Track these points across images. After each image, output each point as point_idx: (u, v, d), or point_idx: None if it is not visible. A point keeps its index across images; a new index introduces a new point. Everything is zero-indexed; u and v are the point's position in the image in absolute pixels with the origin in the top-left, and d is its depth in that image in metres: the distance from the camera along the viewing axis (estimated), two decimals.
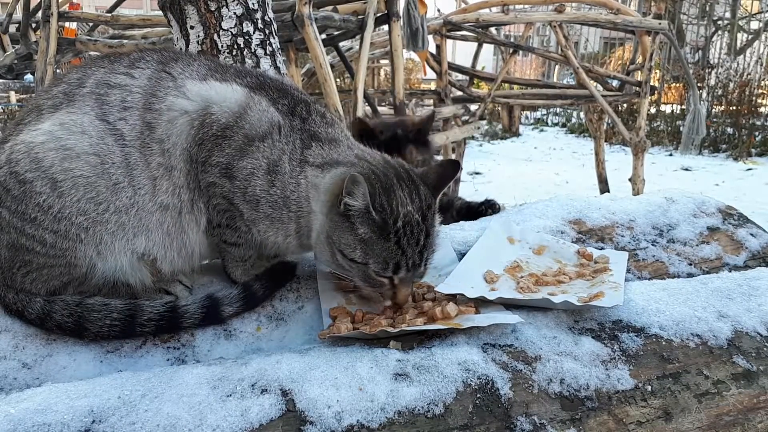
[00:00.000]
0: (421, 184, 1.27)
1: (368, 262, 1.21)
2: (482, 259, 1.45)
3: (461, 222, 1.77)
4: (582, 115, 9.98)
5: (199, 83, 1.32)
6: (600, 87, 5.97)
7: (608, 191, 5.89)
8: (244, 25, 2.10)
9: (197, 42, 2.08)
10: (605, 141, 6.68)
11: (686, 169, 7.96)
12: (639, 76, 5.60)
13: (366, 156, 1.31)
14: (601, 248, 1.64)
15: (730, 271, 1.61)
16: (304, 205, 1.28)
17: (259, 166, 1.28)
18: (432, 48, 5.60)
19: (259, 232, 1.34)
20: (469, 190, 6.24)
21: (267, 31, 2.16)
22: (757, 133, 9.35)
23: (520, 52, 6.22)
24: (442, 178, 1.30)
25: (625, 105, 9.38)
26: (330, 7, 4.00)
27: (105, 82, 1.29)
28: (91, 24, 6.10)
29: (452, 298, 1.29)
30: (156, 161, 1.27)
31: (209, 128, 1.27)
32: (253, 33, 2.12)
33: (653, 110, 10.46)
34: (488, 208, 1.95)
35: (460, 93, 6.20)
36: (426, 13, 4.46)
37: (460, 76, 6.60)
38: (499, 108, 11.93)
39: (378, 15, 3.84)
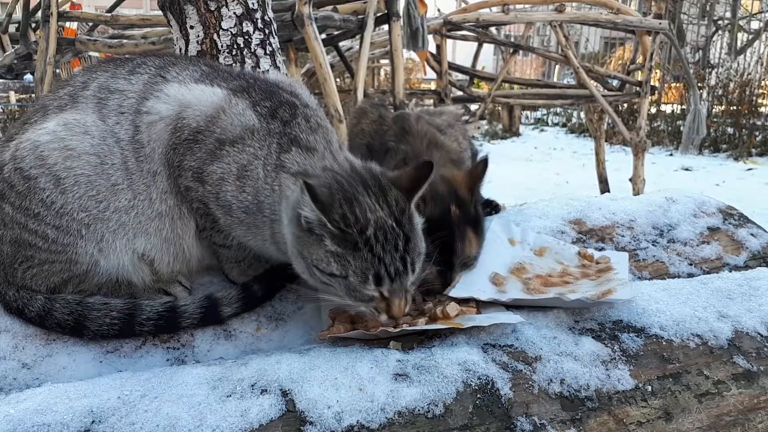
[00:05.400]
0: (392, 189, 1.18)
1: (347, 275, 1.12)
2: (487, 262, 1.44)
3: None
4: (582, 115, 9.97)
5: (178, 86, 1.31)
6: (600, 87, 5.96)
7: (608, 191, 5.89)
8: (243, 24, 2.10)
9: (197, 42, 2.08)
10: (605, 141, 6.67)
11: (686, 169, 7.95)
12: (639, 76, 5.59)
13: (333, 166, 1.24)
14: (602, 248, 1.64)
15: (731, 271, 1.61)
16: (277, 210, 1.23)
17: (230, 171, 1.25)
18: (432, 48, 5.60)
19: (238, 236, 1.33)
20: None
21: (267, 31, 2.16)
22: (757, 133, 9.33)
23: (521, 52, 6.21)
24: (416, 180, 1.19)
25: (625, 105, 9.37)
26: (330, 7, 3.99)
27: (106, 87, 1.32)
28: (90, 24, 6.10)
29: (454, 298, 1.28)
30: (146, 168, 1.28)
31: (181, 132, 1.27)
32: (253, 33, 2.12)
33: (653, 110, 10.44)
34: (490, 208, 1.95)
35: (460, 93, 6.20)
36: (426, 13, 4.45)
37: (460, 76, 6.60)
38: (499, 108, 11.91)
39: (378, 15, 3.84)
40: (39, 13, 4.67)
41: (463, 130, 1.84)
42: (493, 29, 6.32)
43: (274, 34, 2.22)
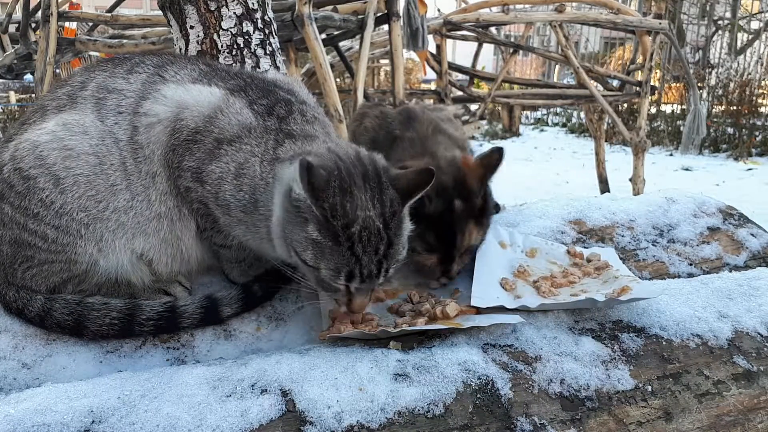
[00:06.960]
0: (389, 189, 1.15)
1: (320, 267, 1.12)
2: (490, 267, 1.42)
3: None
4: (582, 115, 9.97)
5: (176, 87, 1.31)
6: (600, 87, 5.97)
7: (608, 191, 5.88)
8: (243, 24, 2.10)
9: (197, 42, 2.08)
10: (605, 141, 6.67)
11: (686, 169, 7.95)
12: (639, 76, 5.59)
13: (338, 150, 1.21)
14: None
15: (731, 271, 1.61)
16: (270, 206, 1.22)
17: (228, 170, 1.25)
18: (432, 48, 5.60)
19: (237, 235, 1.33)
20: None
21: (267, 31, 2.16)
22: (757, 133, 9.33)
23: (521, 52, 6.22)
24: (415, 185, 1.16)
25: (625, 105, 9.37)
26: (330, 7, 4.00)
27: (105, 87, 1.31)
28: (90, 24, 6.10)
29: (453, 298, 1.28)
30: (144, 169, 1.28)
31: (180, 134, 1.27)
32: (253, 33, 2.12)
33: (653, 110, 10.44)
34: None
35: (460, 93, 6.20)
36: (426, 13, 4.46)
37: (460, 76, 6.60)
38: (499, 108, 11.91)
39: (378, 15, 3.84)
40: (39, 13, 4.67)
41: (460, 126, 1.86)
42: (493, 29, 6.32)
43: (274, 34, 2.22)
